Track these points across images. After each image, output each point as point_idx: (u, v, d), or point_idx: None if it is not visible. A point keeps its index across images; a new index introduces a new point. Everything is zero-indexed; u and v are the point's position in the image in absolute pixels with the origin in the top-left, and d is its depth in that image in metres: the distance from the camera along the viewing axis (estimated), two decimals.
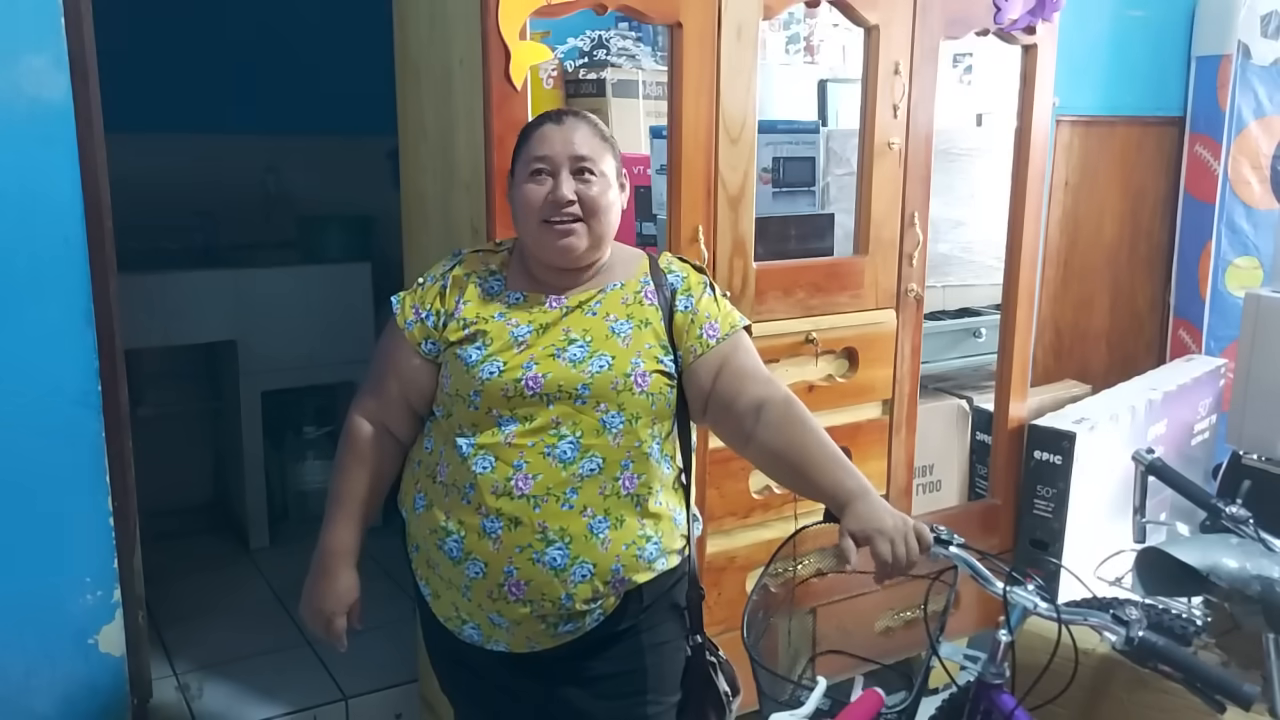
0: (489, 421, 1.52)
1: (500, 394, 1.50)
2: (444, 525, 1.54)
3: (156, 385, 3.71)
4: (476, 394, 1.51)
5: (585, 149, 1.55)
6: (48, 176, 1.96)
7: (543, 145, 1.55)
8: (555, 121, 1.57)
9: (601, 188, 1.55)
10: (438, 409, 1.59)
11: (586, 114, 1.61)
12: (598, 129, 1.59)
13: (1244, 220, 3.72)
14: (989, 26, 2.56)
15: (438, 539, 1.55)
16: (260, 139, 3.93)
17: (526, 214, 1.56)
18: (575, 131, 1.56)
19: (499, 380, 1.50)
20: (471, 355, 1.53)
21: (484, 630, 1.56)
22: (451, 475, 1.54)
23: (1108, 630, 1.58)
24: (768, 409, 1.55)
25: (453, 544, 1.53)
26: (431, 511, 1.56)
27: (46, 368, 2.00)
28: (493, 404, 1.51)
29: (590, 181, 1.55)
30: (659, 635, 1.62)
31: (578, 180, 1.54)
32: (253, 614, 3.11)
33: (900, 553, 1.45)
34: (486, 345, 1.54)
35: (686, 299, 1.61)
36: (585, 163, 1.55)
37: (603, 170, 1.56)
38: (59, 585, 2.07)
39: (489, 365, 1.52)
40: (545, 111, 1.62)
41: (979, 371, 3.07)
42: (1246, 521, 2.11)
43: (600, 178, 1.56)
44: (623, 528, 1.53)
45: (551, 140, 1.55)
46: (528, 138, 1.58)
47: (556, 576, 1.50)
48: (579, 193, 1.54)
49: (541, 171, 1.55)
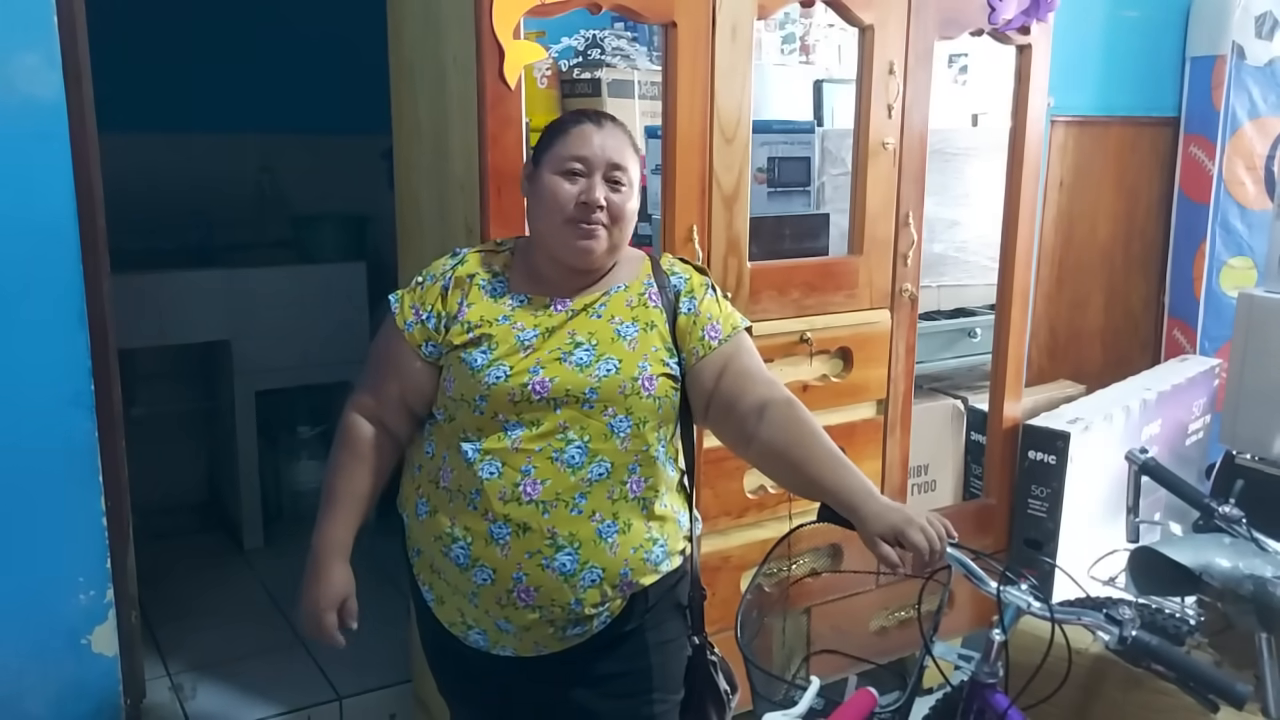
0: (494, 426, 1.51)
1: (507, 398, 1.49)
2: (449, 531, 1.53)
3: (150, 385, 3.70)
4: (482, 399, 1.50)
5: (621, 156, 1.55)
6: (40, 175, 1.95)
7: (582, 145, 1.54)
8: (595, 124, 1.56)
9: (627, 196, 1.56)
10: (438, 412, 1.57)
11: (620, 121, 1.60)
12: (630, 138, 1.59)
13: (1238, 220, 3.73)
14: (983, 26, 2.56)
15: (443, 545, 1.54)
16: (255, 138, 3.93)
17: (552, 209, 1.54)
18: (613, 137, 1.55)
19: (505, 385, 1.49)
20: (477, 359, 1.52)
21: (490, 636, 1.56)
22: (456, 481, 1.53)
23: (1101, 630, 1.58)
24: (770, 410, 1.55)
25: (459, 550, 1.52)
26: (436, 517, 1.55)
27: (39, 367, 1.99)
28: (499, 409, 1.50)
29: (620, 189, 1.55)
30: (663, 634, 1.62)
31: (609, 187, 1.54)
32: (247, 614, 3.11)
33: (934, 536, 1.43)
34: (492, 349, 1.52)
35: (690, 301, 1.61)
36: (619, 171, 1.54)
37: (632, 179, 1.57)
38: (52, 585, 2.06)
39: (495, 370, 1.50)
40: (581, 110, 1.62)
41: (974, 371, 3.08)
42: (1239, 521, 2.11)
43: (629, 187, 1.56)
44: (630, 531, 1.53)
45: (591, 142, 1.54)
46: (565, 132, 1.56)
47: (566, 582, 1.50)
48: (609, 199, 1.53)
49: (576, 172, 1.53)
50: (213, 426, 3.89)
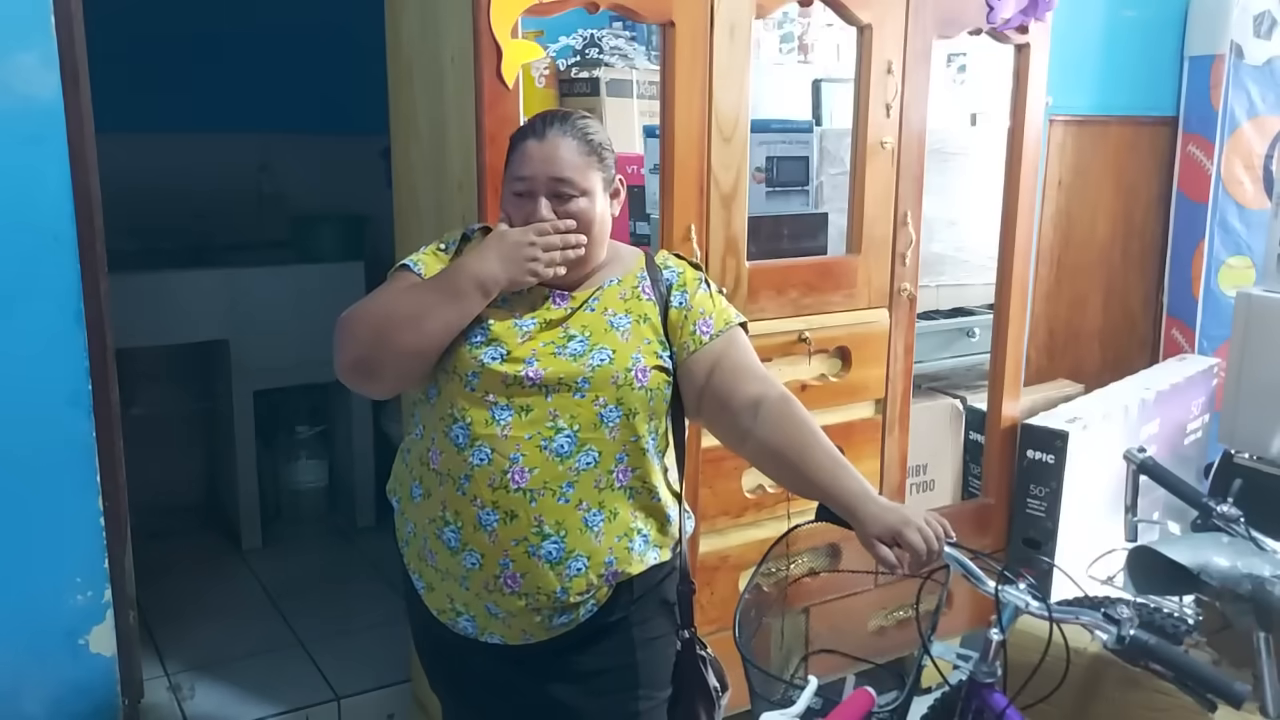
0: (485, 406, 1.50)
1: (500, 380, 1.49)
2: (442, 515, 1.53)
3: (148, 385, 3.70)
4: (475, 375, 1.50)
5: (563, 169, 1.51)
6: (38, 176, 1.95)
7: (523, 165, 1.53)
8: (537, 137, 1.52)
9: (582, 207, 1.53)
10: (430, 388, 1.56)
11: (575, 121, 1.55)
12: (584, 139, 1.54)
13: (1236, 220, 3.73)
14: (982, 26, 2.56)
15: (436, 528, 1.54)
16: (253, 138, 3.93)
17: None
18: (557, 149, 1.51)
19: (499, 367, 1.49)
20: (475, 336, 1.52)
21: (479, 622, 1.56)
22: (445, 464, 1.53)
23: (1099, 629, 1.58)
24: (765, 406, 1.54)
25: (450, 534, 1.53)
26: (430, 499, 1.56)
27: (37, 367, 1.99)
28: (490, 388, 1.50)
29: (570, 202, 1.52)
30: (650, 630, 1.62)
31: (556, 203, 1.52)
32: (245, 614, 3.10)
33: (931, 537, 1.44)
34: (488, 329, 1.52)
35: (681, 294, 1.61)
36: (563, 185, 1.52)
37: (585, 186, 1.53)
38: (49, 585, 2.06)
39: (491, 349, 1.50)
40: (533, 120, 1.57)
41: (972, 371, 3.08)
42: (1238, 520, 2.11)
43: (582, 196, 1.53)
44: (615, 520, 1.54)
45: (531, 160, 1.52)
46: (513, 149, 1.55)
47: (552, 570, 1.50)
48: (558, 215, 1.51)
49: (521, 193, 1.53)
50: (211, 426, 3.89)
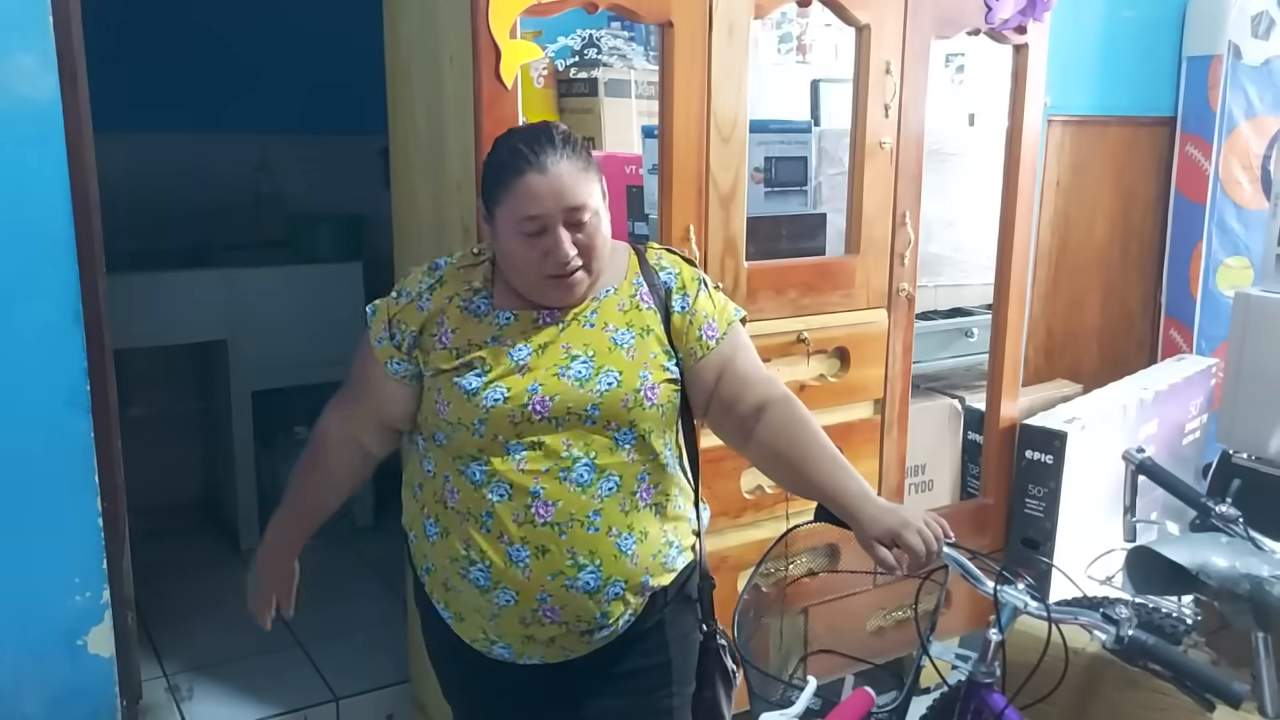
0: (497, 448, 1.47)
1: (507, 420, 1.45)
2: (465, 554, 1.49)
3: (147, 385, 3.69)
4: (481, 422, 1.46)
5: (576, 195, 1.43)
6: (35, 176, 1.95)
7: (531, 204, 1.42)
8: (538, 170, 1.41)
9: (595, 225, 1.46)
10: (439, 434, 1.51)
11: (556, 137, 1.45)
12: (579, 156, 1.45)
13: (1235, 220, 3.74)
14: (980, 26, 2.56)
15: (460, 568, 1.50)
16: (251, 138, 3.92)
17: (523, 270, 1.47)
18: (562, 176, 1.42)
19: (504, 407, 1.45)
20: (471, 382, 1.47)
21: (516, 648, 1.53)
22: (464, 502, 1.49)
23: (1098, 629, 1.58)
24: (769, 410, 1.54)
25: (478, 573, 1.48)
26: (449, 539, 1.51)
27: (35, 368, 1.99)
28: (499, 430, 1.46)
29: (584, 226, 1.45)
30: (679, 628, 1.62)
31: (573, 231, 1.44)
32: (243, 615, 3.02)
33: (930, 538, 1.44)
34: (486, 371, 1.47)
35: (683, 298, 1.57)
36: (576, 211, 1.43)
37: (594, 206, 1.46)
38: (47, 586, 2.06)
39: (492, 392, 1.46)
40: (515, 148, 1.44)
41: (971, 371, 3.08)
42: (1236, 520, 2.11)
43: (593, 215, 1.46)
44: (648, 539, 1.52)
45: (541, 196, 1.41)
46: (508, 186, 1.43)
47: (590, 598, 1.48)
48: (578, 243, 1.44)
49: (533, 232, 1.43)
50: (209, 427, 3.88)
